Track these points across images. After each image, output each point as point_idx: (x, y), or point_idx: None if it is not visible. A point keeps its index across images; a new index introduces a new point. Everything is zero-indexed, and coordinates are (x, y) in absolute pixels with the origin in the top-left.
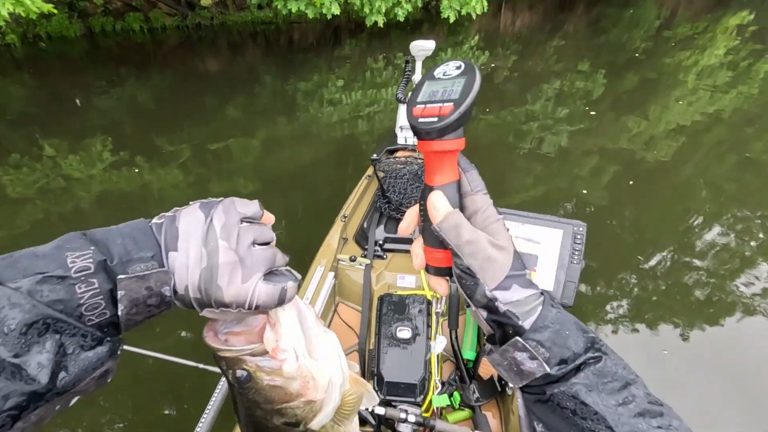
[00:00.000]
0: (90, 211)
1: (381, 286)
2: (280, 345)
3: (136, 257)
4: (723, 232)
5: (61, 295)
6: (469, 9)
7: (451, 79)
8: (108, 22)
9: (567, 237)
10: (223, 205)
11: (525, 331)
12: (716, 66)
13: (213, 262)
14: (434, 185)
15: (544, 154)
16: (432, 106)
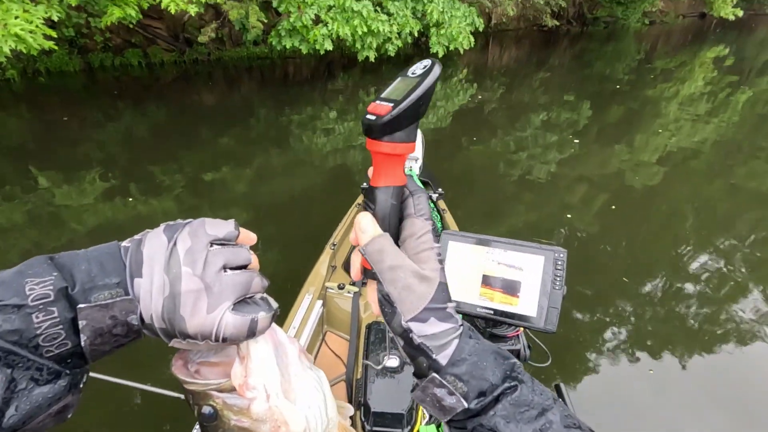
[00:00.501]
0: (81, 241)
1: (369, 314)
2: (248, 381)
3: (100, 284)
4: (712, 258)
5: (17, 324)
6: (457, 44)
7: (413, 78)
8: (107, 58)
9: (548, 263)
10: (190, 227)
11: (441, 367)
12: (696, 97)
13: (175, 291)
14: (376, 185)
15: (533, 181)
16: (381, 104)
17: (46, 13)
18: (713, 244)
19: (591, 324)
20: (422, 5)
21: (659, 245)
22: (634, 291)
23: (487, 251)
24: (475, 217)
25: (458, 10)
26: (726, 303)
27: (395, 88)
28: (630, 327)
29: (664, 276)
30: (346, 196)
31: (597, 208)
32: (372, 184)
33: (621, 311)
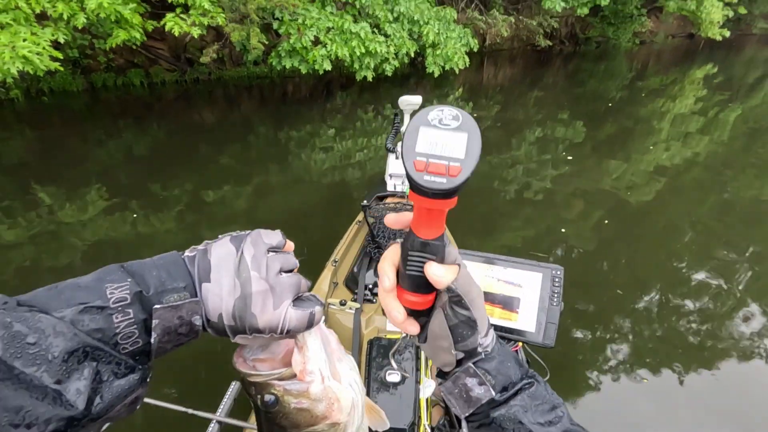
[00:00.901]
0: (81, 256)
1: (371, 330)
2: (307, 367)
3: (170, 288)
4: (709, 273)
5: (100, 324)
6: (452, 64)
7: (450, 131)
8: (110, 78)
9: (546, 280)
10: (251, 237)
11: (478, 360)
12: (687, 114)
13: (246, 292)
14: (423, 237)
15: (529, 198)
16: (437, 163)
17: (53, 36)
18: (709, 259)
19: (588, 339)
20: (418, 27)
21: (655, 260)
22: (631, 306)
23: (487, 268)
24: (472, 233)
25: (453, 32)
26: (724, 318)
27: (431, 142)
28: (627, 342)
29: (661, 291)
30: (346, 213)
31: (592, 223)
32: (424, 237)
33: (618, 327)
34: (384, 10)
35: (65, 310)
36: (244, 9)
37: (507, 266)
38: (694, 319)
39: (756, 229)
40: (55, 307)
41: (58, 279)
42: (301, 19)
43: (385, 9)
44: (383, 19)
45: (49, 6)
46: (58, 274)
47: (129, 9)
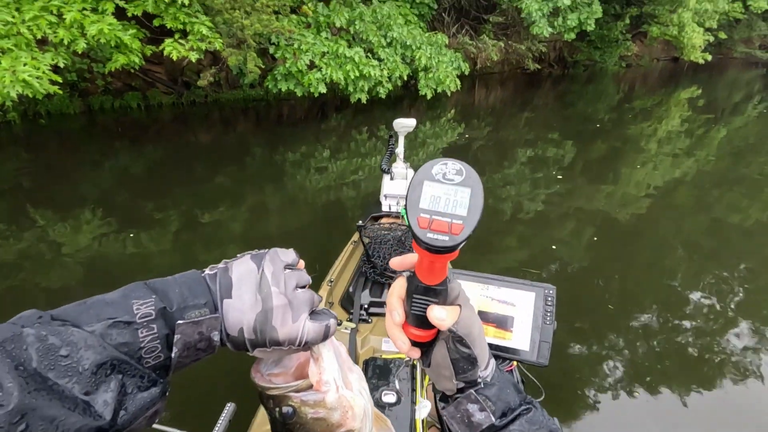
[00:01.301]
0: (74, 277)
1: (366, 349)
2: (323, 377)
3: (191, 304)
4: (702, 290)
5: (127, 338)
6: (444, 87)
7: (454, 187)
8: (107, 101)
9: (539, 299)
10: (269, 255)
11: (479, 387)
12: (674, 134)
13: (268, 306)
14: (426, 283)
15: (521, 216)
16: (440, 221)
17: (53, 60)
18: (702, 277)
19: (583, 358)
20: (411, 51)
21: (648, 278)
22: (626, 324)
23: (481, 288)
24: (465, 253)
25: (445, 56)
26: (719, 335)
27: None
28: (622, 360)
29: (654, 308)
30: (340, 233)
31: (584, 241)
32: (428, 283)
33: (613, 345)
34: (377, 35)
35: (95, 325)
36: (241, 34)
37: (501, 286)
38: (689, 337)
39: (746, 246)
40: (86, 321)
41: (50, 300)
42: (297, 44)
43: (378, 35)
44: (377, 44)
45: (50, 32)
46: (51, 294)
47: (129, 35)
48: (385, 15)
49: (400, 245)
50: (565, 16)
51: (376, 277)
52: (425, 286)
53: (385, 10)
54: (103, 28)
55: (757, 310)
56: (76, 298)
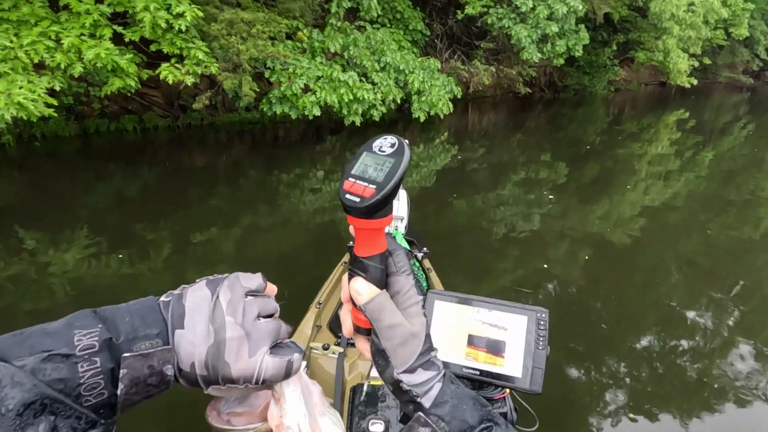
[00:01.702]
0: (62, 299)
1: (354, 375)
2: (284, 422)
3: (142, 335)
4: (698, 311)
5: (63, 373)
6: (437, 110)
7: (384, 157)
8: (103, 124)
9: (531, 323)
10: (228, 280)
11: (425, 408)
12: (664, 156)
13: (220, 338)
14: (362, 256)
15: (515, 237)
16: (358, 184)
17: (50, 84)
18: (699, 298)
19: (578, 382)
20: (404, 76)
21: (644, 299)
22: (622, 346)
23: (472, 311)
24: (459, 273)
25: (437, 80)
26: (718, 357)
27: (366, 165)
28: (620, 386)
29: (652, 330)
30: (332, 255)
31: (579, 262)
32: (358, 254)
33: (609, 368)
34: (371, 60)
35: (27, 359)
36: (237, 59)
37: (492, 308)
38: (688, 359)
39: (741, 265)
40: (17, 354)
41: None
42: (292, 69)
43: (372, 60)
44: (370, 68)
45: (48, 56)
46: (37, 317)
47: (125, 59)
48: (379, 41)
49: None
50: (553, 42)
51: None
52: (354, 256)
53: (378, 36)
54: (100, 52)
55: (756, 330)
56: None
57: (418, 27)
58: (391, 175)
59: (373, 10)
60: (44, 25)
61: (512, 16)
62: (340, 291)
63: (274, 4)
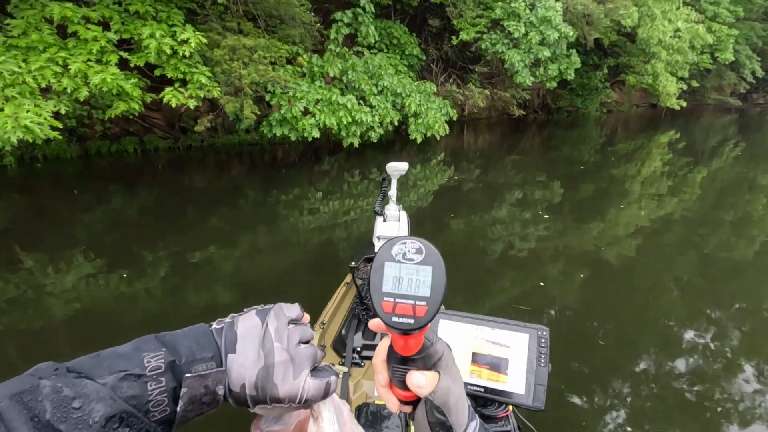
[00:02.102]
0: (59, 319)
1: (359, 395)
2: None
3: (199, 357)
4: (699, 330)
5: (136, 391)
6: (433, 132)
7: (414, 266)
8: (104, 145)
9: (533, 341)
10: (274, 310)
11: None
12: (657, 176)
13: (270, 362)
14: (402, 354)
15: (512, 256)
16: (403, 304)
17: (55, 108)
18: (697, 317)
19: (578, 405)
20: (401, 99)
21: (643, 318)
22: (621, 365)
23: (475, 329)
24: (458, 293)
25: (433, 103)
26: (719, 378)
27: (396, 278)
28: (622, 405)
29: (650, 349)
30: (332, 275)
31: (576, 282)
32: (404, 354)
33: (609, 388)
34: (369, 84)
35: (108, 377)
36: (238, 83)
37: (495, 327)
38: (688, 380)
39: (738, 285)
40: (99, 373)
41: (35, 342)
42: (292, 92)
43: (370, 83)
44: (368, 92)
45: (55, 81)
46: (33, 337)
47: (131, 83)
48: (376, 65)
49: None
50: (546, 66)
51: (369, 319)
52: (401, 357)
53: (376, 61)
54: (106, 77)
55: (755, 350)
56: (58, 339)
57: (414, 52)
58: (437, 287)
59: (371, 36)
60: (52, 51)
61: (505, 42)
62: (344, 311)
63: (275, 30)
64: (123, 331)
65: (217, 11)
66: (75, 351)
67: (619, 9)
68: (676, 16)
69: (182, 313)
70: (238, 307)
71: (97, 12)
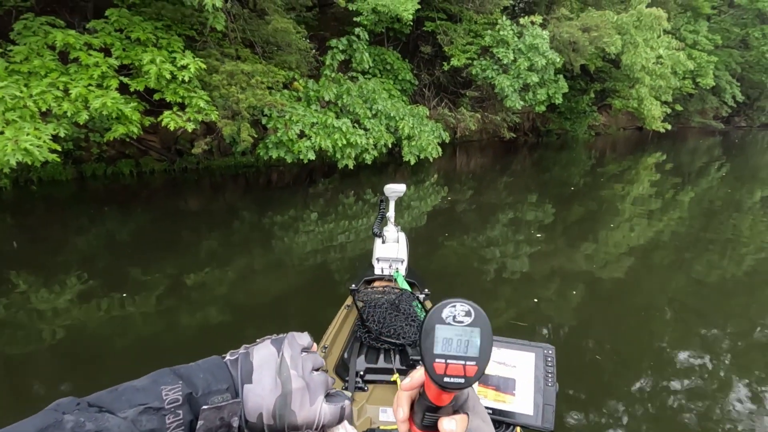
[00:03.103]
0: (54, 342)
1: (363, 421)
2: None
3: (215, 389)
4: (694, 350)
5: (155, 424)
6: (426, 154)
7: (463, 328)
8: (100, 168)
9: (539, 360)
10: (287, 339)
11: None
12: (646, 197)
13: (287, 390)
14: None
15: (506, 277)
16: (454, 364)
17: (55, 131)
18: (691, 337)
19: (576, 424)
20: (395, 122)
21: (638, 339)
22: (616, 385)
23: None
24: None
25: (426, 126)
26: (715, 397)
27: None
28: (615, 426)
29: (645, 370)
30: (328, 295)
31: (571, 302)
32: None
33: (605, 409)
34: (363, 108)
35: (128, 411)
36: (236, 107)
37: (500, 347)
38: (685, 399)
39: (729, 304)
40: (119, 407)
41: (28, 365)
42: (288, 116)
43: (364, 107)
44: (363, 115)
45: (55, 105)
46: (25, 359)
47: (130, 107)
48: (371, 90)
49: (394, 308)
50: (534, 91)
51: (371, 342)
52: (435, 407)
53: (370, 85)
54: (106, 101)
55: (748, 368)
56: (50, 362)
57: (407, 77)
58: (485, 349)
59: (365, 62)
60: (54, 76)
61: (495, 68)
62: (345, 334)
63: (271, 56)
64: (116, 353)
65: (216, 38)
66: (68, 374)
67: (603, 37)
68: (658, 43)
69: (177, 336)
70: (233, 329)
71: (99, 39)
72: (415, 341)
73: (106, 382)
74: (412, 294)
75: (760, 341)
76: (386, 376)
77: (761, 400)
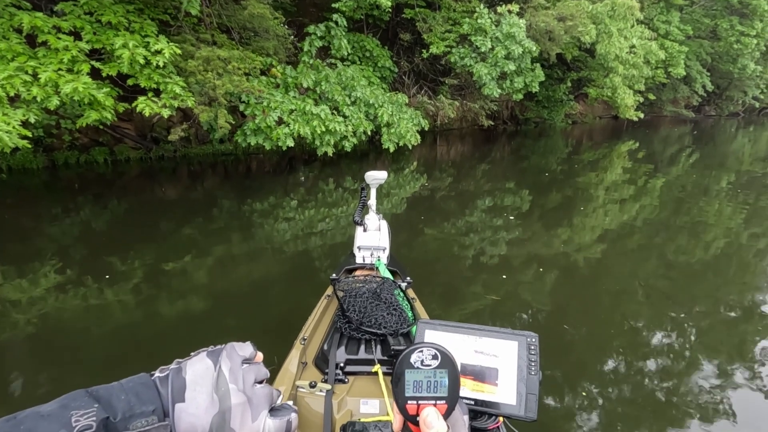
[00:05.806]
0: (24, 333)
1: (344, 413)
2: None
3: (138, 412)
4: (665, 331)
5: None
6: (405, 141)
7: (432, 370)
8: (72, 156)
9: (522, 348)
10: (226, 350)
11: None
12: (619, 183)
13: (225, 406)
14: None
15: (486, 262)
16: (426, 404)
17: (24, 117)
18: (662, 318)
19: (551, 408)
20: (374, 109)
21: (611, 321)
22: (590, 368)
23: (463, 339)
24: (435, 299)
25: (405, 113)
26: (684, 376)
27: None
28: (590, 409)
29: (618, 351)
30: (306, 284)
31: (546, 286)
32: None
33: (580, 392)
34: (342, 95)
35: None
36: (213, 93)
37: (482, 336)
38: (656, 379)
39: (697, 287)
40: None
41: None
42: (266, 102)
43: (343, 94)
44: (342, 102)
45: (24, 90)
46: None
47: (103, 93)
48: (349, 77)
49: (375, 298)
50: (512, 79)
51: (352, 332)
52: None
53: (349, 72)
54: (78, 86)
55: (716, 348)
56: (25, 354)
57: (386, 64)
58: (454, 387)
59: (344, 49)
60: (21, 60)
61: (473, 56)
62: (325, 325)
63: (249, 42)
64: (93, 343)
65: (191, 23)
66: (44, 364)
67: (578, 26)
68: (631, 33)
69: (155, 324)
70: (212, 318)
71: (69, 22)
72: (397, 330)
73: (82, 373)
74: (394, 282)
75: (725, 320)
76: (367, 367)
77: (727, 375)
